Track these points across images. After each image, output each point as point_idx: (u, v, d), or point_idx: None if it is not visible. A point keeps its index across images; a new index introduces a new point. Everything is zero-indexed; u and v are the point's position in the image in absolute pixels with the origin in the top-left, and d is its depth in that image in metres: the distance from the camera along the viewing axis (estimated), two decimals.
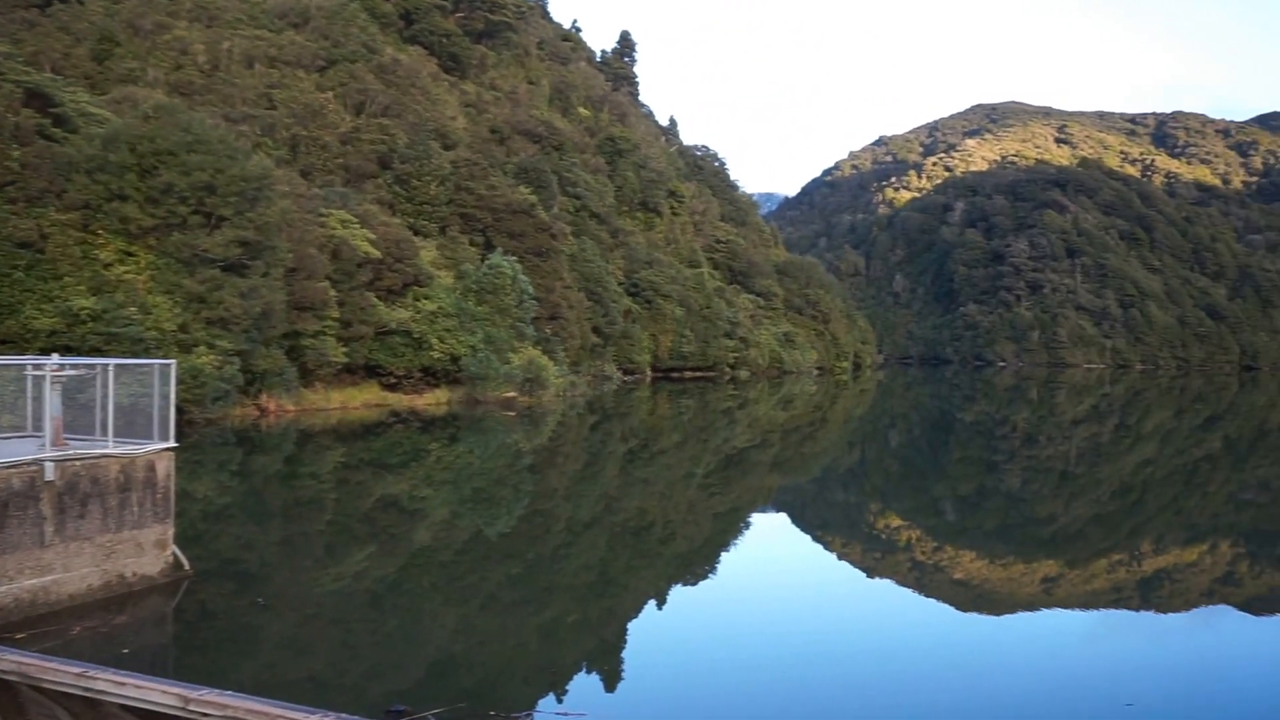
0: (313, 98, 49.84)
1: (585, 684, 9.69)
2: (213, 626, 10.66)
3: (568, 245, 60.27)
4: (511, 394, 42.88)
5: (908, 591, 14.21)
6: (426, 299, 41.32)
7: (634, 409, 47.03)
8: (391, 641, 10.51)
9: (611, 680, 9.82)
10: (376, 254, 38.84)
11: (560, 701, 9.00)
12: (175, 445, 11.34)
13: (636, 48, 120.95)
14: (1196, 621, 12.77)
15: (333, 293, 35.92)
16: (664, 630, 11.63)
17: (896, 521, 20.29)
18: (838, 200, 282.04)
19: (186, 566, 11.46)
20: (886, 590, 14.25)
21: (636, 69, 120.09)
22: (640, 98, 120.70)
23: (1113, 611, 13.18)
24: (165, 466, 11.21)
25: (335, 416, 34.77)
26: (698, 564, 15.32)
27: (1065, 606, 13.43)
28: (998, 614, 13.00)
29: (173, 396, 11.34)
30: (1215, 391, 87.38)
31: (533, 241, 51.97)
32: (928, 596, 13.89)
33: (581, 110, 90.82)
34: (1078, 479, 27.19)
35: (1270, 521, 20.52)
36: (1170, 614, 13.12)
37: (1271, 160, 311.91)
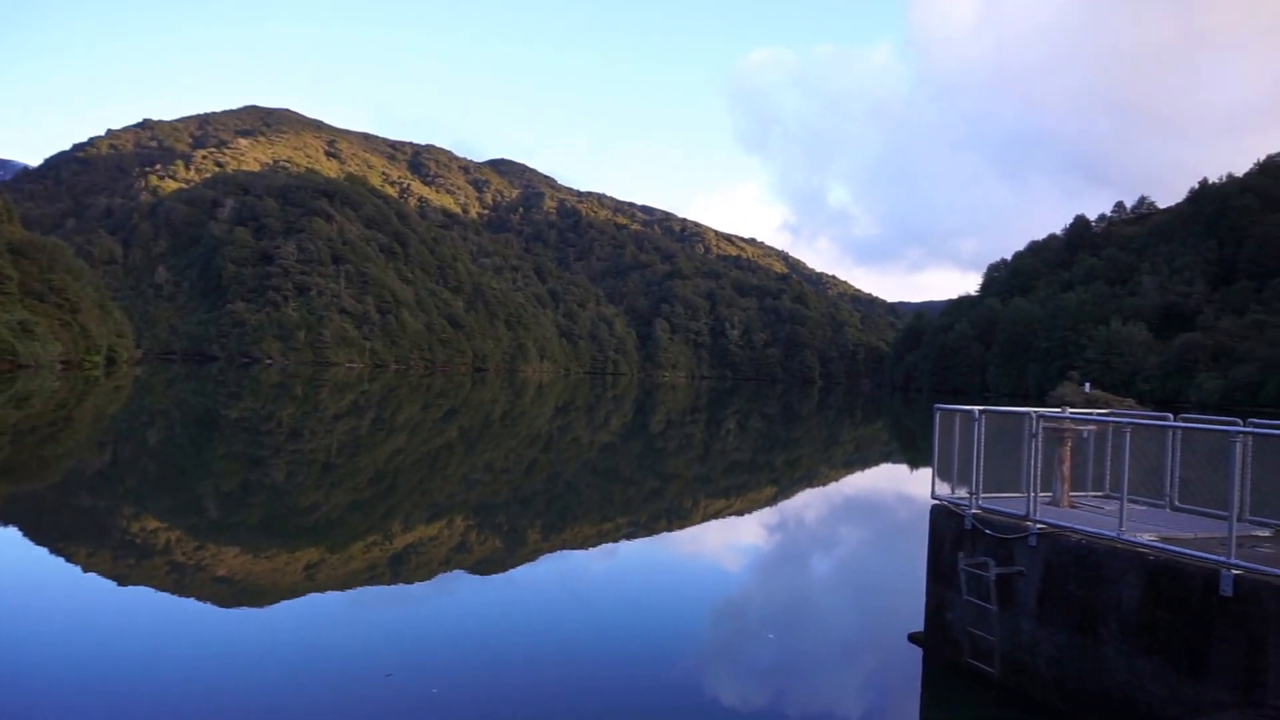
0: None
1: None
2: None
3: None
4: None
5: (167, 595, 13.49)
6: None
7: None
8: None
9: None
10: None
11: None
12: None
13: None
14: (437, 588, 14.49)
15: None
16: None
17: (154, 524, 19.04)
18: (92, 180, 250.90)
19: None
20: (145, 596, 13.35)
21: None
22: None
23: (368, 588, 14.22)
24: None
25: None
26: None
27: (325, 590, 14.09)
28: (261, 605, 13.11)
29: None
30: (454, 389, 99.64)
31: None
32: (187, 597, 13.34)
33: None
34: (339, 469, 28.67)
35: (491, 496, 24.33)
36: (416, 584, 14.67)
37: (499, 198, 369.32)
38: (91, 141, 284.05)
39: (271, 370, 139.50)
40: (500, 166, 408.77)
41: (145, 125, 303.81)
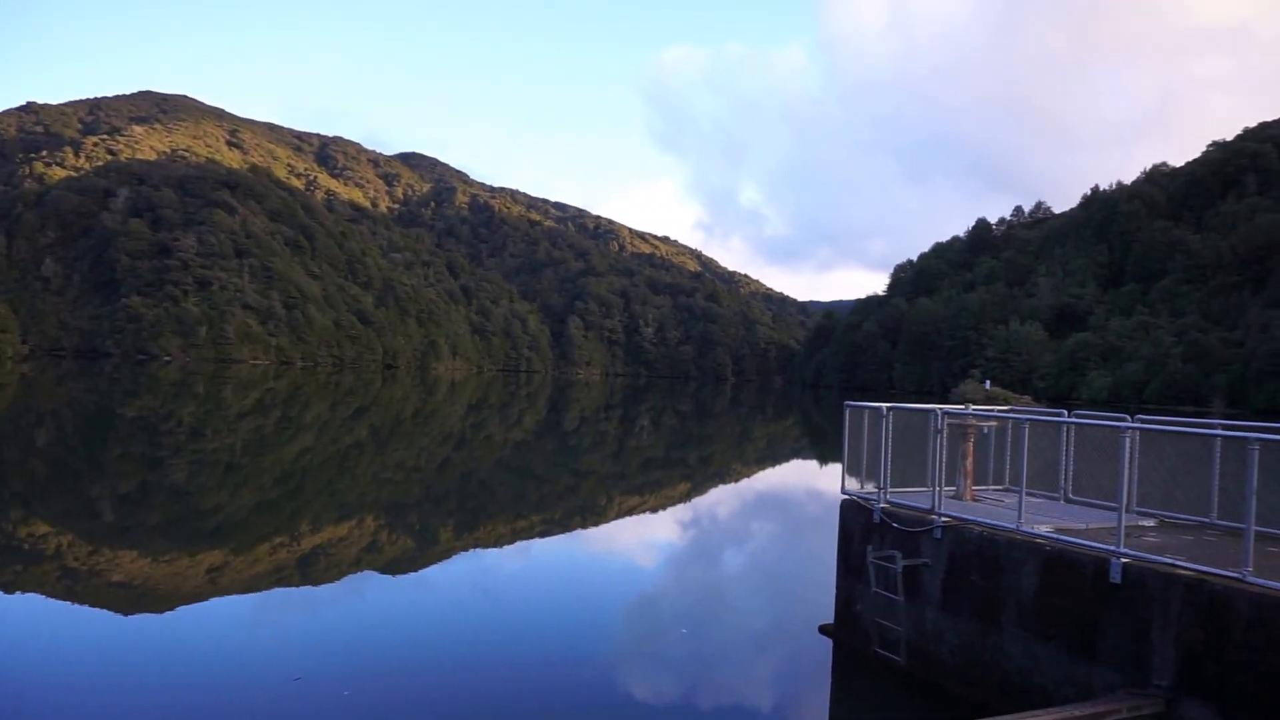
0: None
1: None
2: None
3: None
4: None
5: (57, 602, 12.89)
6: None
7: None
8: None
9: None
10: None
11: None
12: None
13: None
14: (347, 589, 14.19)
15: None
16: None
17: (43, 528, 18.19)
18: None
19: None
20: (33, 604, 12.74)
21: None
22: None
23: (274, 591, 13.83)
24: None
25: None
26: None
27: (229, 593, 13.65)
28: (160, 611, 12.64)
29: None
30: (364, 386, 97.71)
31: None
32: (80, 604, 12.73)
33: None
34: (243, 469, 27.87)
35: (403, 495, 23.97)
36: (325, 585, 14.33)
37: (410, 192, 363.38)
38: None
39: (171, 367, 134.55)
40: (411, 160, 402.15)
41: (29, 109, 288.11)
